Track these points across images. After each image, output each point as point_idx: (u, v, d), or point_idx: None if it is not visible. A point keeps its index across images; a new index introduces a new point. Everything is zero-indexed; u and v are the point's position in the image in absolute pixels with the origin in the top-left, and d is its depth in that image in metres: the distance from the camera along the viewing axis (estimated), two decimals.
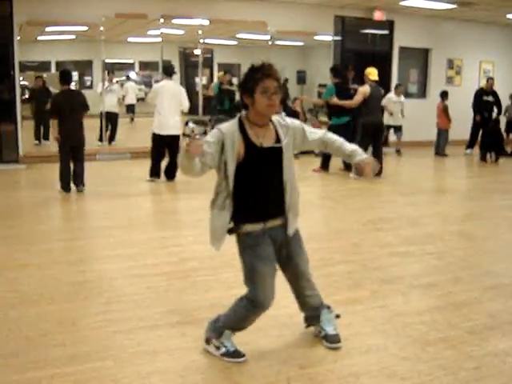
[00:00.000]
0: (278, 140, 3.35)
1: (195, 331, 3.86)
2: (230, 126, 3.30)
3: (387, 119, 12.52)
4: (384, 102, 11.98)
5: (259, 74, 3.25)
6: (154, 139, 9.59)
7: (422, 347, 3.73)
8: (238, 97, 14.70)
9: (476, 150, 13.91)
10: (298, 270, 3.60)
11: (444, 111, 13.73)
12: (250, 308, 3.45)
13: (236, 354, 3.50)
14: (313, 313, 3.78)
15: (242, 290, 4.54)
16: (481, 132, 13.80)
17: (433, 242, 6.34)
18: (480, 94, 14.21)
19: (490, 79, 14.34)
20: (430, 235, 6.68)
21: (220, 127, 3.28)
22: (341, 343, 3.70)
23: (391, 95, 13.12)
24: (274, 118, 3.41)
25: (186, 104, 9.67)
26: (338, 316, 3.80)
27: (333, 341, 3.71)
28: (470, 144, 14.34)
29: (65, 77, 8.62)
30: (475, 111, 14.11)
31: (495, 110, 14.12)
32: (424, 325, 4.09)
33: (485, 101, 14.05)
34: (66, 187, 8.50)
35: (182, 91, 9.78)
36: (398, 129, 13.48)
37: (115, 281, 4.97)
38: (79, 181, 8.62)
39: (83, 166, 8.67)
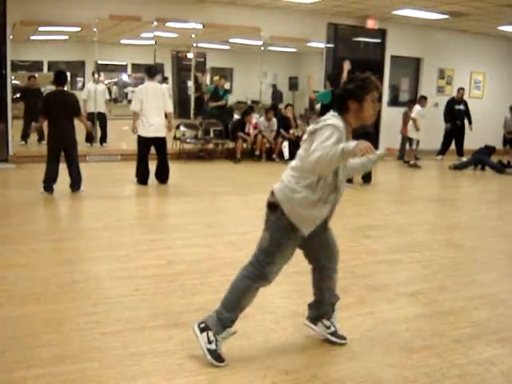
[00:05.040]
0: None
1: (182, 334, 3.87)
2: (341, 123, 3.37)
3: None
4: None
5: (371, 85, 3.46)
6: (139, 142, 9.53)
7: (408, 354, 3.76)
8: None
9: (449, 156, 14.42)
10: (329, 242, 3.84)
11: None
12: (255, 279, 3.55)
13: (219, 358, 3.52)
14: (328, 307, 3.87)
15: None
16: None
17: (420, 250, 6.38)
18: (451, 103, 14.90)
19: (460, 89, 14.99)
20: (418, 243, 6.72)
21: (336, 125, 3.31)
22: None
23: None
24: None
25: (169, 105, 9.58)
26: None
27: (342, 337, 3.88)
28: (442, 151, 15.08)
29: (59, 78, 8.56)
30: (447, 120, 14.77)
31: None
32: (410, 332, 4.12)
33: (457, 110, 14.76)
34: (48, 188, 8.43)
35: (165, 92, 9.68)
36: None
37: (103, 282, 4.97)
38: (76, 186, 8.62)
39: (78, 169, 8.63)
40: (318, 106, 11.35)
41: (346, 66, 10.23)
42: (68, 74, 16.96)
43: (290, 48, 16.35)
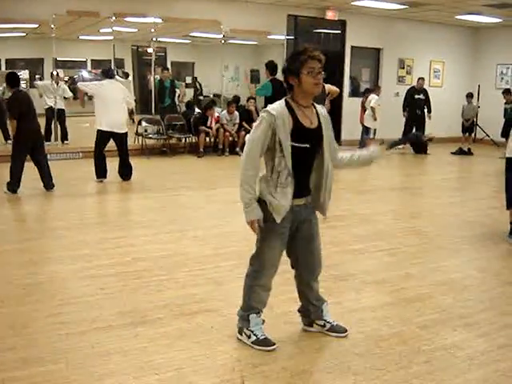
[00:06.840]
0: (319, 123, 3.52)
1: (149, 332, 3.85)
2: (279, 107, 3.41)
3: None
4: None
5: (304, 55, 3.38)
6: (98, 136, 9.42)
7: (375, 343, 3.79)
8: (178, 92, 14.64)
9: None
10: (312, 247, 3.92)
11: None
12: (252, 270, 3.64)
13: (265, 342, 3.63)
14: (316, 307, 3.91)
15: (195, 289, 4.55)
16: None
17: (385, 239, 6.44)
18: (411, 92, 15.00)
19: (420, 79, 15.05)
20: (383, 232, 6.78)
21: (269, 109, 3.39)
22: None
23: None
24: (318, 106, 3.59)
25: (130, 100, 9.56)
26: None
27: (342, 330, 3.89)
28: None
29: (13, 79, 8.46)
30: (405, 108, 14.91)
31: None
32: (377, 320, 4.16)
33: (416, 99, 14.85)
34: (15, 188, 8.31)
35: (125, 88, 9.66)
36: None
37: (68, 282, 4.90)
38: (49, 182, 8.61)
39: (48, 163, 8.65)
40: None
41: None
42: (27, 71, 16.74)
43: (251, 41, 16.34)
